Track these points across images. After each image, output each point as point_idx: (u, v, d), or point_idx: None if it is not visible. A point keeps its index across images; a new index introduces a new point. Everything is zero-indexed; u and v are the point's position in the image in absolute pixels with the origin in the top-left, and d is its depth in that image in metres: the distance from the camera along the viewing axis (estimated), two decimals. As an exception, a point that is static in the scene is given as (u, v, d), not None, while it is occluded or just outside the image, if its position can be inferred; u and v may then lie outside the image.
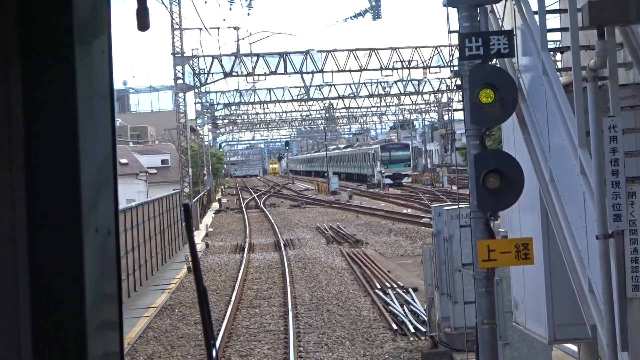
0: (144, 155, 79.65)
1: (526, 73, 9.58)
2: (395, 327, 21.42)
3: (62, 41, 1.95)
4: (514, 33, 9.46)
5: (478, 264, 9.18)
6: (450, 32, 9.92)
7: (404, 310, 23.59)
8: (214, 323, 23.05)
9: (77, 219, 1.94)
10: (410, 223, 47.87)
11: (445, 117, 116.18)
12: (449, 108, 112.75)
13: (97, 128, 2.05)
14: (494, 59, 9.54)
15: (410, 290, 26.65)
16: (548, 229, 9.93)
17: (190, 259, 31.33)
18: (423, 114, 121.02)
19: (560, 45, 10.97)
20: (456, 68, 10.15)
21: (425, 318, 22.48)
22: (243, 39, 59.54)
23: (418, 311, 23.18)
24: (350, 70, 56.78)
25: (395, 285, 27.59)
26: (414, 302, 24.55)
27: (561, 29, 10.22)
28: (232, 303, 24.87)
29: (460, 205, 20.15)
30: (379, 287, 27.55)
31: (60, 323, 1.94)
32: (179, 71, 53.80)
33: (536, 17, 9.34)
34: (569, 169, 8.29)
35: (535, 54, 9.03)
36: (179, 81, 54.08)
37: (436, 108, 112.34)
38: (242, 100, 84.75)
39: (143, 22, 2.32)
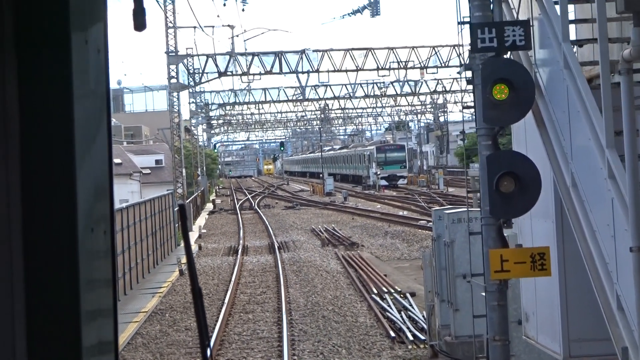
0: (138, 155, 79.02)
1: (544, 67, 8.80)
2: (393, 334, 20.67)
3: (58, 40, 1.94)
4: (531, 23, 8.68)
5: (490, 274, 8.41)
6: (460, 23, 9.16)
7: (401, 316, 22.85)
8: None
9: (72, 219, 1.93)
10: (406, 225, 47.18)
11: (441, 119, 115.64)
12: (445, 109, 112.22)
13: (93, 127, 2.06)
14: (508, 52, 8.78)
15: (408, 295, 25.92)
16: (563, 237, 9.18)
17: (183, 261, 30.65)
18: (419, 115, 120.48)
19: (577, 39, 10.20)
20: (464, 60, 9.32)
21: (424, 325, 21.76)
22: (237, 36, 58.77)
23: (416, 317, 22.46)
24: (346, 70, 56.03)
25: (392, 290, 26.86)
26: (412, 308, 23.82)
27: (582, 20, 9.40)
28: (224, 308, 24.10)
29: (464, 209, 19.46)
30: (375, 291, 26.81)
31: (55, 323, 1.93)
32: (172, 70, 53.03)
33: (556, 7, 8.54)
34: (595, 172, 7.52)
35: (555, 46, 8.25)
36: (173, 80, 53.31)
37: (432, 109, 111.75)
38: (237, 100, 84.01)
39: (140, 22, 2.32)
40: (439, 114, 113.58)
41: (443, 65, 55.53)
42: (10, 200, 1.93)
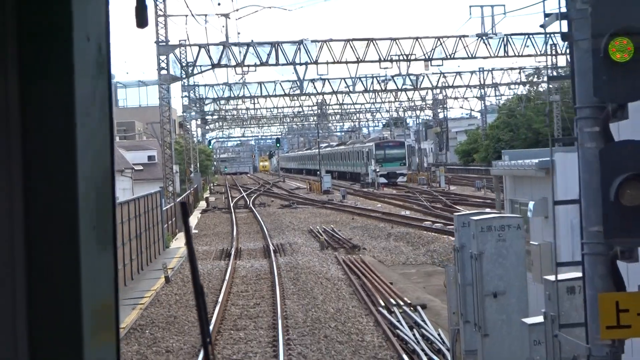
0: (130, 151, 76.42)
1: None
2: (406, 358, 17.85)
3: (60, 36, 1.94)
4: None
5: (599, 331, 5.51)
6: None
7: (414, 334, 20.04)
8: (191, 351, 19.38)
9: (74, 215, 1.93)
10: (410, 227, 44.38)
11: (440, 115, 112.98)
12: (444, 105, 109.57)
13: (95, 123, 2.05)
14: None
15: (419, 308, 23.10)
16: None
17: (171, 265, 27.54)
18: (418, 111, 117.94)
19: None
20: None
21: (441, 346, 18.99)
22: (229, 17, 55.76)
23: (431, 336, 19.66)
24: (346, 62, 52.90)
25: (400, 302, 24.03)
26: (426, 324, 20.99)
27: None
28: (212, 324, 21.17)
29: (493, 213, 16.53)
30: (382, 303, 23.99)
31: (57, 319, 1.92)
32: (163, 61, 50.07)
33: None
34: None
35: None
36: (163, 72, 50.35)
37: (432, 105, 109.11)
38: (232, 95, 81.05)
39: (141, 19, 2.35)
40: (439, 110, 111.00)
41: (448, 57, 52.57)
42: (12, 196, 1.91)
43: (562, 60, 68.49)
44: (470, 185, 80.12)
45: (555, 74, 77.46)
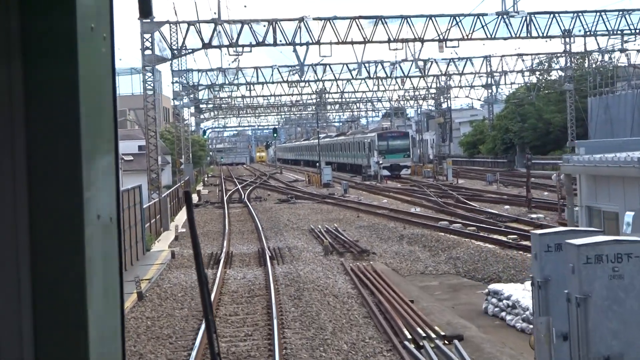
0: (120, 140, 71.23)
1: None
2: None
3: (64, 26, 1.91)
4: None
5: None
6: None
7: (457, 385, 14.99)
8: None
9: (78, 205, 1.91)
10: (424, 227, 39.29)
11: (444, 105, 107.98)
12: (448, 94, 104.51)
13: (99, 113, 2.02)
14: None
15: (456, 342, 18.00)
16: None
17: (147, 276, 23.13)
18: (420, 101, 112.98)
19: None
20: None
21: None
22: None
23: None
24: (352, 42, 47.53)
25: (428, 330, 18.94)
26: (469, 368, 15.92)
27: None
28: (189, 368, 15.99)
29: (601, 234, 11.30)
30: (407, 334, 18.87)
31: (62, 310, 1.90)
32: (147, 40, 44.85)
33: None
34: None
35: None
36: (148, 52, 45.12)
37: (436, 94, 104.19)
38: (226, 81, 75.77)
39: (145, 8, 2.29)
40: (443, 99, 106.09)
41: (465, 37, 47.34)
42: (16, 187, 1.90)
43: (577, 46, 63.38)
44: (479, 179, 75.21)
45: (569, 61, 72.34)
